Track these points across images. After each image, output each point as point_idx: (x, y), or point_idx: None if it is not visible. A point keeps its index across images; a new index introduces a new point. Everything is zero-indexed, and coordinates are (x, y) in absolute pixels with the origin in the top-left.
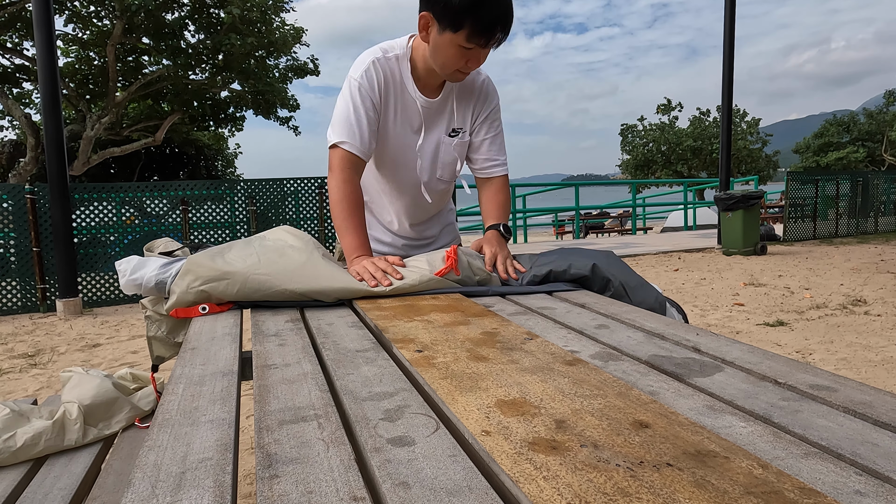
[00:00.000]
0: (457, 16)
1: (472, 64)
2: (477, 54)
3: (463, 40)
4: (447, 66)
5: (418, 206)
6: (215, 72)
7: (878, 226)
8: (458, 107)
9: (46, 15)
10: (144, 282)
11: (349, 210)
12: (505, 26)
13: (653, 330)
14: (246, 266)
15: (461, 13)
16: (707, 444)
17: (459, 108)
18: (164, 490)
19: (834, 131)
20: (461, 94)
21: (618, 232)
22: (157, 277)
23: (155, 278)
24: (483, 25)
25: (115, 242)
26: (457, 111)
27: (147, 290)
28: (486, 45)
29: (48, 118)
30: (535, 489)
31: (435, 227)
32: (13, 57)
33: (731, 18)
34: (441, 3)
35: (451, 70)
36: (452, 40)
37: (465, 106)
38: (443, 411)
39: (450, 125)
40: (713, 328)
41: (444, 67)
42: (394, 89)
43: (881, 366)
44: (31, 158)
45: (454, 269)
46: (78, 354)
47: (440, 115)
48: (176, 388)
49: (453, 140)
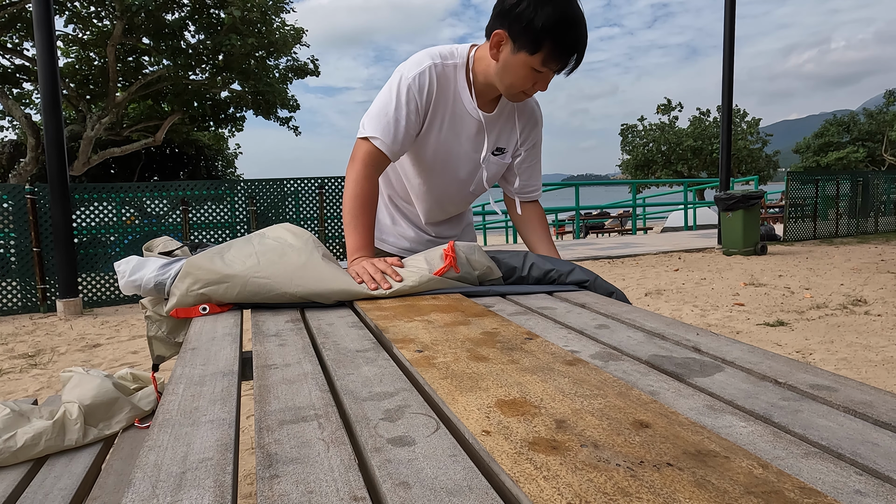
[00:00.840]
0: (537, 38)
1: (539, 86)
2: (547, 77)
3: (538, 63)
4: (514, 87)
5: (443, 211)
6: (215, 72)
7: (878, 226)
8: (507, 127)
9: (47, 15)
10: (143, 283)
11: (361, 208)
12: (581, 52)
13: (653, 330)
14: (245, 269)
15: (542, 36)
16: (707, 443)
17: (507, 129)
18: (164, 490)
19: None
20: (513, 114)
21: (618, 232)
22: (156, 279)
23: (154, 279)
24: (561, 51)
25: (116, 242)
26: (506, 130)
27: (146, 290)
28: (560, 71)
29: (48, 118)
30: (535, 489)
31: (456, 228)
32: (13, 57)
33: (731, 18)
34: (521, 22)
35: (517, 91)
36: (527, 62)
37: (512, 127)
38: (443, 411)
39: (496, 143)
40: (713, 328)
41: (511, 87)
42: (445, 97)
43: (881, 366)
44: (32, 159)
45: (453, 267)
46: (78, 354)
47: (491, 131)
48: (176, 388)
49: (496, 159)
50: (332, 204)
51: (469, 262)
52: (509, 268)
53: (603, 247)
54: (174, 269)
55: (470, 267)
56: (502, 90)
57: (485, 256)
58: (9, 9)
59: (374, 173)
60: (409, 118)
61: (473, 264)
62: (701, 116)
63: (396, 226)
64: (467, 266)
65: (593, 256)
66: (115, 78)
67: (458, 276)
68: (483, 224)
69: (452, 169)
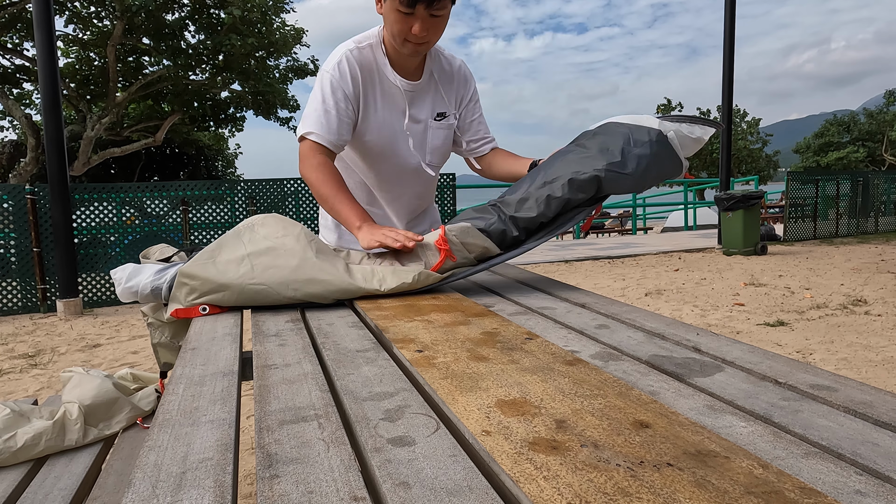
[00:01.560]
0: None
1: (417, 31)
2: (421, 19)
3: (397, 4)
4: (397, 36)
5: (412, 195)
6: (215, 72)
7: (878, 226)
8: (441, 90)
9: (47, 15)
10: (140, 289)
11: (334, 185)
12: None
13: (653, 330)
14: (239, 276)
15: None
16: (707, 443)
17: (439, 93)
18: (164, 490)
19: (834, 131)
20: (441, 78)
21: (618, 232)
22: (151, 284)
23: (150, 284)
24: None
25: (116, 243)
26: (441, 94)
27: (144, 297)
28: (414, 7)
29: (48, 118)
30: (535, 489)
31: (425, 224)
32: (13, 57)
33: (731, 18)
34: None
35: (402, 40)
36: (391, 6)
37: (448, 90)
38: (443, 411)
39: (435, 109)
40: (713, 328)
41: (395, 38)
42: (371, 78)
43: (882, 366)
44: (32, 159)
45: (450, 257)
46: (78, 355)
47: (423, 98)
48: (176, 388)
49: (440, 123)
50: None
51: (465, 247)
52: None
53: (603, 247)
54: (170, 274)
55: (465, 251)
56: (396, 46)
57: (479, 236)
58: (9, 9)
59: (326, 160)
60: (338, 106)
61: (469, 248)
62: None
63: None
64: (462, 250)
65: (593, 256)
66: (115, 78)
67: (456, 263)
68: None
69: (402, 145)
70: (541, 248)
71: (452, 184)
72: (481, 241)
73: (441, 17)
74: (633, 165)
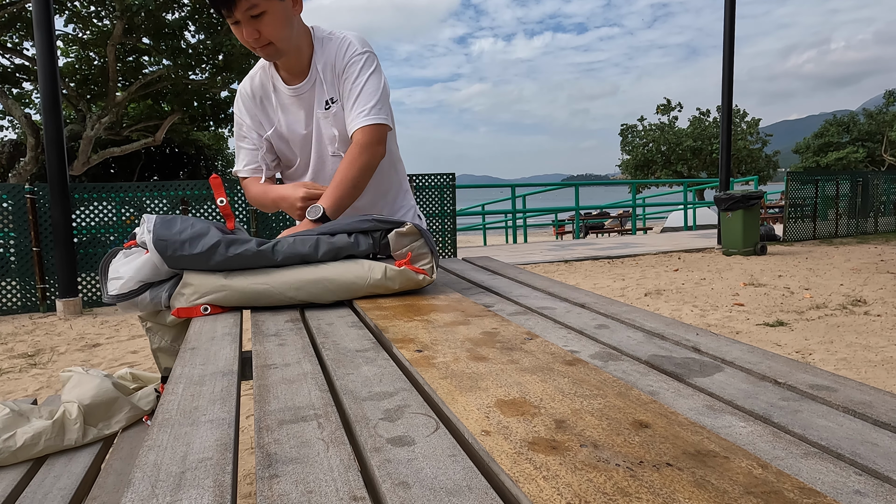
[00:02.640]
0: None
1: (247, 35)
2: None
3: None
4: (245, 45)
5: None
6: (215, 72)
7: (877, 226)
8: (326, 78)
9: (46, 15)
10: (139, 301)
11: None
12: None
13: (653, 330)
14: (243, 276)
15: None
16: (707, 443)
17: (327, 79)
18: (163, 490)
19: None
20: (325, 66)
21: (618, 232)
22: (150, 294)
23: (149, 295)
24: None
25: (115, 242)
26: (325, 83)
27: (143, 305)
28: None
29: (48, 118)
30: (534, 489)
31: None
32: (13, 57)
33: (731, 19)
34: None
35: (249, 46)
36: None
37: (331, 74)
38: (442, 411)
39: (322, 99)
40: (713, 328)
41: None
42: (266, 97)
43: (881, 366)
44: (31, 158)
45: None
46: (78, 354)
47: (311, 94)
48: (176, 387)
49: (329, 112)
50: None
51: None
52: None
53: (603, 247)
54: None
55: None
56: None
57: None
58: (9, 8)
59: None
60: (246, 138)
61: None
62: (701, 117)
63: None
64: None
65: (593, 256)
66: (114, 77)
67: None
68: (483, 224)
69: (311, 145)
70: (541, 248)
71: (452, 184)
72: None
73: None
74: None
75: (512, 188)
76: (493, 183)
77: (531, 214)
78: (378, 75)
